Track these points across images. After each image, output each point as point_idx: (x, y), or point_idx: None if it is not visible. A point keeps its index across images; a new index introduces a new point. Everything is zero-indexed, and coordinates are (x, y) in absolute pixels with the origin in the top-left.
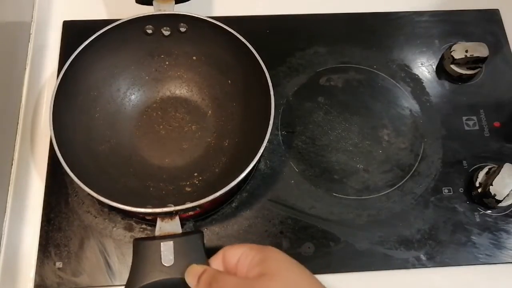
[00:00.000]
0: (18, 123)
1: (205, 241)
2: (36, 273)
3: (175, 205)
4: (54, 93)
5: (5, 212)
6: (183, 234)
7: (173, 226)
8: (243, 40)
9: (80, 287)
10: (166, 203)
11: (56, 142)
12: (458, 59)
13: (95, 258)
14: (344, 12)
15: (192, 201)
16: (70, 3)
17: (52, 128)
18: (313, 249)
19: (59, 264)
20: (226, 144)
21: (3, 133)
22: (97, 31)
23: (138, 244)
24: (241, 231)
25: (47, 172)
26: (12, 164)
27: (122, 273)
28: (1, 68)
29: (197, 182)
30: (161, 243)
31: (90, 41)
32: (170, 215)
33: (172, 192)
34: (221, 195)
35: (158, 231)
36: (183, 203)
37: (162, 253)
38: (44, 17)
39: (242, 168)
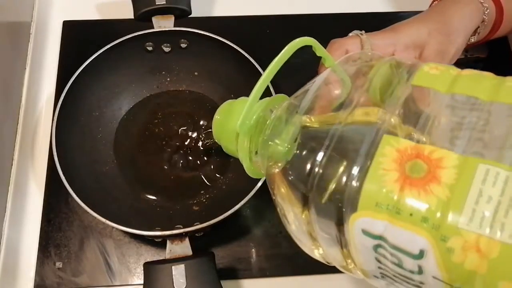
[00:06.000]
0: (18, 123)
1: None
2: (36, 273)
3: (184, 225)
4: (56, 117)
5: (5, 212)
6: (194, 256)
7: (184, 248)
8: (245, 54)
9: (80, 287)
10: (174, 223)
11: (61, 168)
12: (458, 59)
13: (95, 258)
14: (344, 12)
15: (200, 220)
16: (70, 3)
17: (56, 154)
18: None
19: (59, 264)
20: (232, 159)
21: (3, 133)
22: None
23: (148, 268)
24: (239, 231)
25: (47, 172)
26: (12, 164)
27: (122, 273)
28: (1, 68)
29: (204, 200)
30: (172, 267)
31: (91, 61)
32: (180, 237)
33: (180, 212)
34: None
35: (168, 254)
36: (192, 223)
37: (173, 276)
38: (44, 17)
39: (248, 185)
